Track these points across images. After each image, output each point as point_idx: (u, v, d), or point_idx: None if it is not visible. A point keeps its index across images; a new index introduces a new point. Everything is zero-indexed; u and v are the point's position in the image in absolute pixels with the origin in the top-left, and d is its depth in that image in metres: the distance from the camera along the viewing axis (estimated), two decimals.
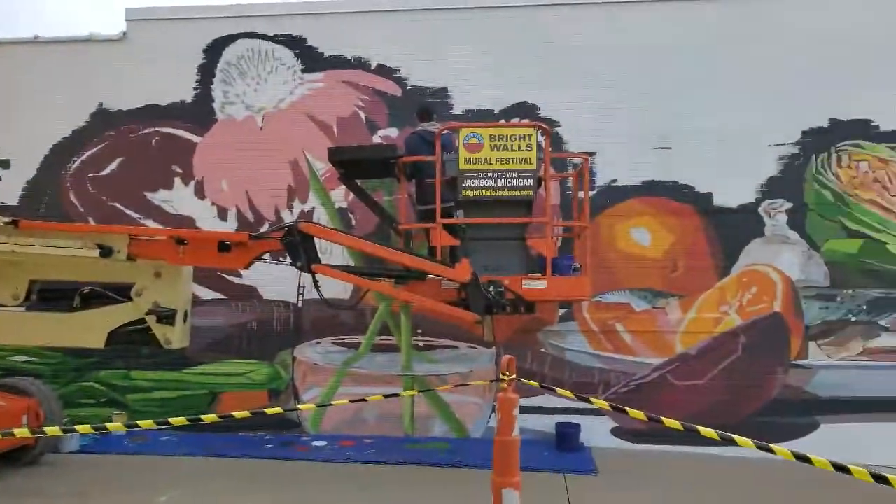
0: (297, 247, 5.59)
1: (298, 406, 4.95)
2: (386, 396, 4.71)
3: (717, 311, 7.34)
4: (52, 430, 3.41)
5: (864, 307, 7.22)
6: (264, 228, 7.54)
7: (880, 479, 3.28)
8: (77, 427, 3.36)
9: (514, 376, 3.93)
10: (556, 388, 4.24)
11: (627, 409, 3.52)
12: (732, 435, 3.48)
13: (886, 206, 7.23)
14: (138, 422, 3.49)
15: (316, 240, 5.80)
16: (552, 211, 7.20)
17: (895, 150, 7.23)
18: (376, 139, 7.80)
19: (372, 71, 7.90)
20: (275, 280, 7.47)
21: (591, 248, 7.08)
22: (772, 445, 3.57)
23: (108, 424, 3.34)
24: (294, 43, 8.03)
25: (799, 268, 7.30)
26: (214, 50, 8.11)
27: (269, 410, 4.20)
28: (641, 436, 7.27)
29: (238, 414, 3.90)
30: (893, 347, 7.16)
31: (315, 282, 5.70)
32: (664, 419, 3.51)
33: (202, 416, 3.76)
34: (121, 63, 8.18)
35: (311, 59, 8.00)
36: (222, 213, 8.00)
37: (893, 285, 7.18)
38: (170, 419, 3.54)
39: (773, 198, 7.35)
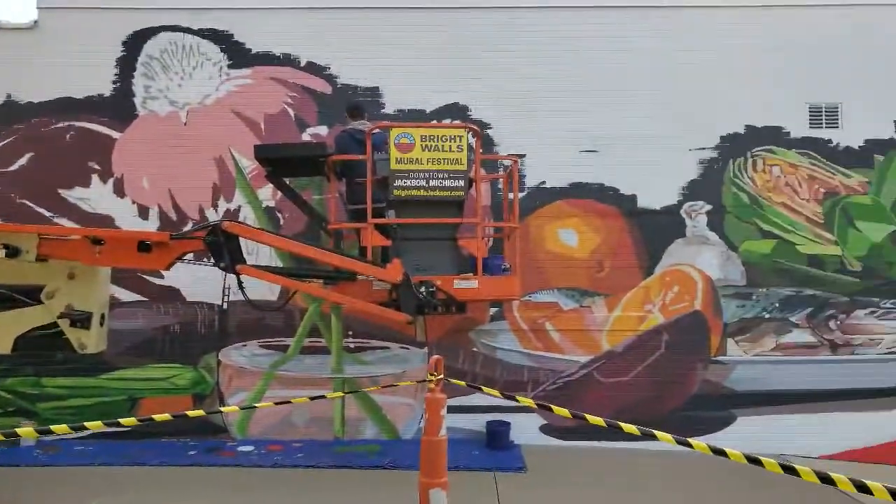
0: (221, 247, 5.41)
1: (221, 409, 4.80)
2: (312, 398, 4.62)
3: (642, 310, 7.57)
4: None
5: (777, 305, 7.59)
6: (188, 228, 7.28)
7: (788, 469, 3.44)
8: None
9: (441, 376, 3.92)
10: (483, 387, 4.26)
11: (553, 406, 3.56)
12: (653, 431, 3.60)
13: (796, 209, 7.63)
14: (52, 427, 3.29)
15: (242, 240, 5.64)
16: (483, 212, 7.27)
17: (804, 156, 7.64)
18: (305, 137, 7.66)
19: (301, 68, 7.76)
20: (199, 281, 7.23)
21: (521, 249, 7.19)
22: (691, 439, 3.71)
23: (17, 430, 3.13)
24: (220, 38, 7.79)
25: (718, 267, 7.60)
26: (135, 42, 7.78)
27: (191, 413, 4.06)
28: (570, 432, 7.41)
29: (158, 417, 3.74)
30: (803, 343, 7.55)
31: (240, 283, 5.54)
32: (588, 416, 3.58)
33: (121, 420, 3.60)
34: (31, 53, 7.73)
35: (237, 54, 7.79)
36: (143, 212, 7.68)
37: (803, 284, 7.58)
38: (86, 423, 3.37)
39: (694, 200, 7.64)
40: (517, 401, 3.75)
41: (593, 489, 5.98)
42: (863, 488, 3.31)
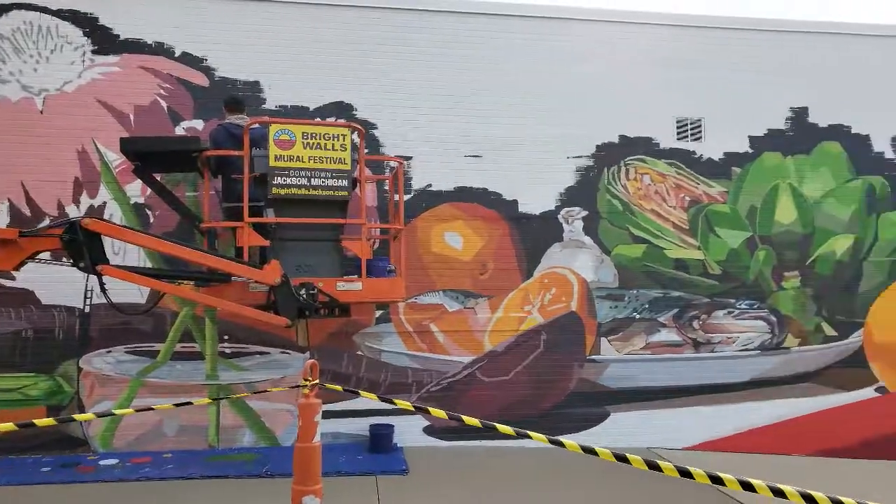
0: (81, 246, 5.01)
1: (74, 417, 4.40)
2: (177, 405, 4.36)
3: (522, 311, 7.76)
4: None
5: (647, 306, 8.03)
6: (44, 225, 6.68)
7: (653, 466, 3.62)
8: None
9: (316, 381, 3.82)
10: (361, 391, 4.19)
11: (430, 409, 3.56)
12: (527, 431, 3.68)
13: (664, 216, 8.11)
14: None
15: (106, 239, 5.25)
16: (368, 213, 7.20)
17: (671, 166, 8.14)
18: (179, 131, 7.25)
19: (175, 58, 7.33)
20: (56, 282, 6.65)
21: (407, 251, 7.18)
22: (565, 437, 3.82)
23: None
24: (83, 20, 7.20)
25: (592, 270, 7.93)
26: None
27: (39, 422, 3.66)
28: (452, 433, 7.47)
29: (1, 426, 3.36)
30: (670, 342, 8.03)
31: (102, 285, 5.15)
32: (465, 418, 3.61)
33: None
34: None
35: (104, 39, 7.23)
36: None
37: (669, 286, 8.06)
38: None
39: (571, 206, 7.93)
40: (394, 404, 3.71)
41: (473, 488, 6.05)
42: (717, 480, 3.56)
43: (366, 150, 7.12)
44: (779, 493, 3.56)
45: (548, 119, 7.91)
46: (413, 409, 3.66)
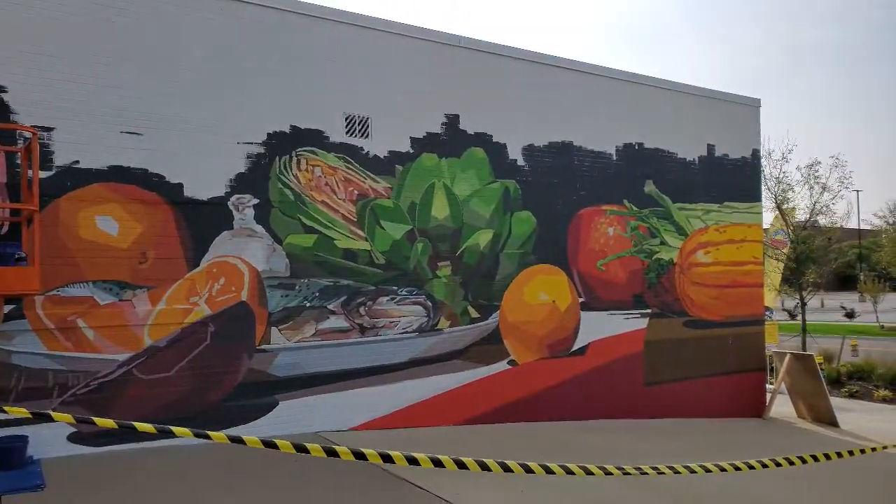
0: None
1: None
2: None
3: (187, 302, 7.39)
4: None
5: (317, 294, 8.28)
6: None
7: (301, 449, 3.79)
8: None
9: None
10: None
11: (52, 413, 3.19)
12: (170, 427, 3.55)
13: (334, 207, 8.44)
14: None
15: None
16: None
17: (341, 160, 8.50)
18: None
19: None
20: None
21: (47, 236, 6.30)
22: (222, 432, 3.76)
23: None
24: None
25: (264, 259, 7.90)
26: None
27: None
28: (103, 437, 6.79)
29: None
30: (338, 328, 8.39)
31: None
32: (97, 420, 3.33)
33: None
34: None
35: None
36: None
37: (339, 275, 8.42)
38: None
39: (242, 193, 7.78)
40: (4, 411, 3.24)
41: (114, 496, 5.63)
42: (360, 456, 3.88)
43: None
44: (413, 461, 4.03)
45: (217, 100, 7.61)
46: (30, 415, 3.25)
